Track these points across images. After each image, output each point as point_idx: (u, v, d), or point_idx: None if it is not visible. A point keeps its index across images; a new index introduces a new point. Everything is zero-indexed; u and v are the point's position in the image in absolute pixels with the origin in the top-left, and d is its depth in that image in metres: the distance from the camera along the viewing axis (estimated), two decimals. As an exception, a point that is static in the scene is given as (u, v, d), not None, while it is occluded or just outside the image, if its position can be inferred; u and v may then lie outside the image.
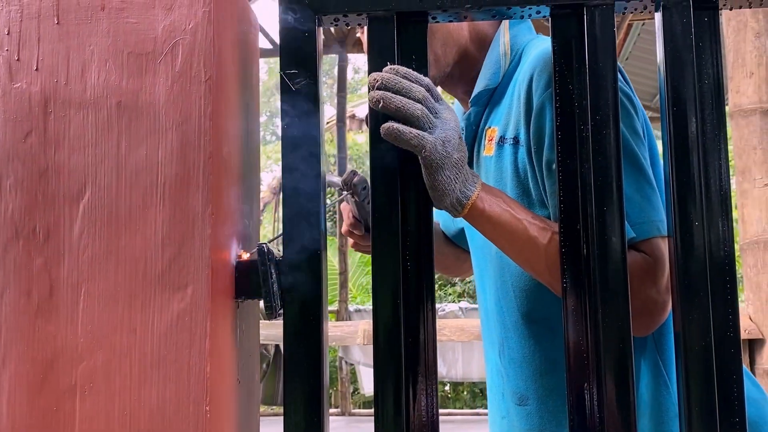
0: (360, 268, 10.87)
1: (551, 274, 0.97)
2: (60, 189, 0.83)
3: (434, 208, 0.94)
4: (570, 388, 0.90)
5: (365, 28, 1.28)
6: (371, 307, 0.92)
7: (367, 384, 7.74)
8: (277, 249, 0.93)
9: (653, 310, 0.98)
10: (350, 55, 7.84)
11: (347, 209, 1.33)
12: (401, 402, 0.89)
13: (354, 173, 1.24)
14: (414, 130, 0.87)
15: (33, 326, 0.82)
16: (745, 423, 0.84)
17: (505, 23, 1.21)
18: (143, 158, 0.83)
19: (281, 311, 0.90)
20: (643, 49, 7.09)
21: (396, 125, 0.87)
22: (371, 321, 0.93)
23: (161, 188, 0.82)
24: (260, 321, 1.07)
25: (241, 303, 0.92)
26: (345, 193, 1.27)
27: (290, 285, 0.90)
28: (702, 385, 0.87)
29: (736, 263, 0.98)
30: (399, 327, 0.90)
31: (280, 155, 0.94)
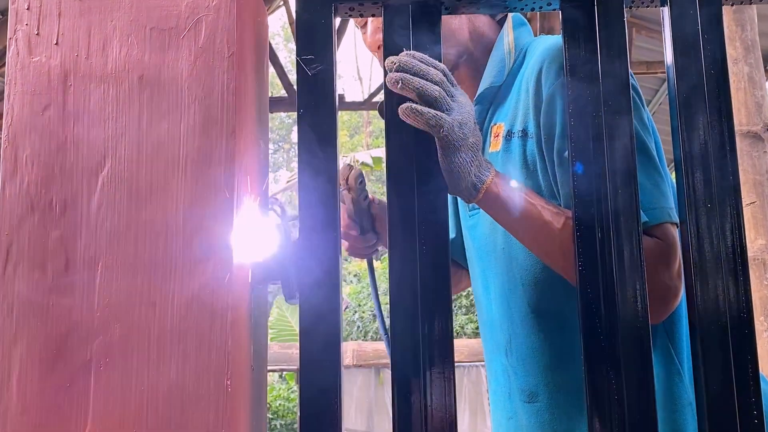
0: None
1: (565, 259, 0.97)
2: (78, 162, 0.82)
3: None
4: (587, 375, 0.89)
5: (367, 21, 1.31)
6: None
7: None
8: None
9: (666, 295, 0.98)
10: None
11: (341, 210, 1.31)
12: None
13: (350, 167, 1.21)
14: (432, 110, 0.88)
15: (47, 301, 0.79)
16: (761, 402, 0.84)
17: (508, 24, 1.23)
18: (165, 132, 0.82)
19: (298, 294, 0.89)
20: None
21: (414, 105, 0.87)
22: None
23: (183, 161, 0.81)
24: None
25: (255, 288, 0.91)
26: (341, 189, 1.23)
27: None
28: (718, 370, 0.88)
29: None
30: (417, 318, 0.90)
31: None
